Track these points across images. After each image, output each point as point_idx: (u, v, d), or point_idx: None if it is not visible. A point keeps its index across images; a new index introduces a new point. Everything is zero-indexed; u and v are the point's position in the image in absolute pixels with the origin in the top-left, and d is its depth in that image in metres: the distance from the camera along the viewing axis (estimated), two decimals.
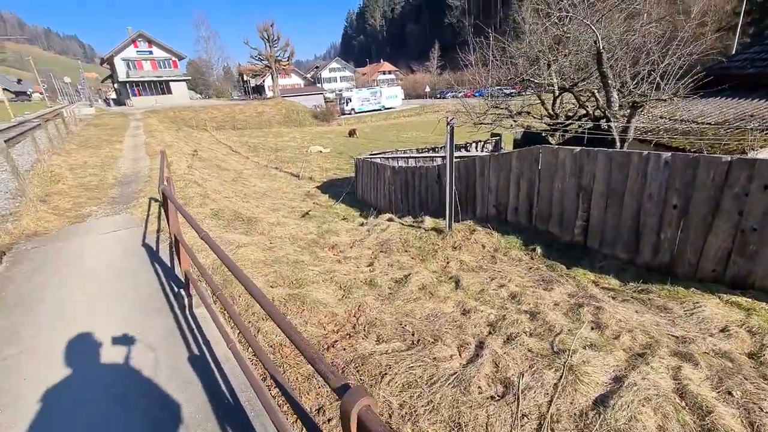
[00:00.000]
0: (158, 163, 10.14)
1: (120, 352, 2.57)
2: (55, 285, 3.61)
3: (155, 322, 2.90)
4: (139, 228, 5.03)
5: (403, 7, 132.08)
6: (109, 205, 6.37)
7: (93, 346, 2.65)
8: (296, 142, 30.56)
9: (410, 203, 9.33)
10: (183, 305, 2.99)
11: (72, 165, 9.70)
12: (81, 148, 13.38)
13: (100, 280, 3.65)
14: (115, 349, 2.62)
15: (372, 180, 10.84)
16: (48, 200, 6.44)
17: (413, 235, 5.97)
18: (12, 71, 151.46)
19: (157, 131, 19.62)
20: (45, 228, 5.13)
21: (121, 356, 2.52)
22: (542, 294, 3.73)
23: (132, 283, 3.55)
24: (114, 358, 2.53)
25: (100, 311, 3.14)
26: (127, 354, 2.54)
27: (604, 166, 4.91)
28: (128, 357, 2.51)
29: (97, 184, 7.91)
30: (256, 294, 1.40)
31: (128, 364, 2.45)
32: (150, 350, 2.58)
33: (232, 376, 2.29)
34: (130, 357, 2.51)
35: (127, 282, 3.57)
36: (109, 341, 2.69)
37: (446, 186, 6.14)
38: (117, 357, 2.53)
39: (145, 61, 47.54)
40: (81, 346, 2.68)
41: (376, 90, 54.19)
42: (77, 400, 2.18)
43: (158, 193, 6.34)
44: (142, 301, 3.20)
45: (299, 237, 5.50)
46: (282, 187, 14.19)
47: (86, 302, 3.30)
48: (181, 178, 8.07)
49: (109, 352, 2.60)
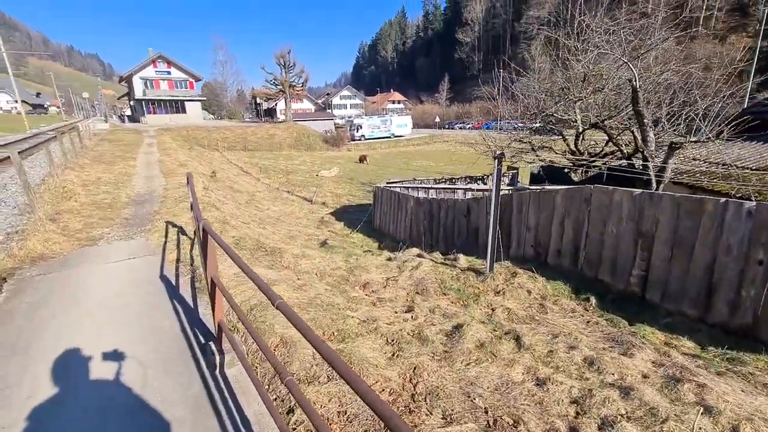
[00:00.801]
0: (173, 182, 9.84)
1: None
2: (59, 326, 3.12)
3: (177, 386, 2.39)
4: (155, 256, 4.57)
5: (414, 41, 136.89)
6: (122, 228, 5.94)
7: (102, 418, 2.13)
8: (306, 166, 30.55)
9: (434, 236, 8.87)
10: (212, 363, 2.49)
11: (85, 181, 9.38)
12: (94, 163, 13.15)
13: (112, 323, 3.16)
14: (130, 422, 2.10)
15: (392, 210, 10.44)
16: (58, 219, 6.03)
17: (449, 275, 5.47)
18: (33, 85, 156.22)
19: (170, 149, 19.54)
20: (52, 251, 4.68)
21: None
22: (623, 360, 3.19)
23: (149, 328, 3.06)
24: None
25: (110, 366, 2.63)
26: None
27: (669, 211, 4.47)
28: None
29: (110, 202, 7.53)
30: (339, 367, 0.94)
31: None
32: (175, 426, 2.06)
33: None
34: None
35: (143, 327, 3.08)
36: (123, 410, 2.18)
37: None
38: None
39: (163, 80, 48.71)
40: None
41: (386, 118, 54.98)
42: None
43: (182, 221, 5.93)
44: (161, 355, 2.70)
45: (327, 272, 5.02)
46: (295, 212, 13.82)
47: (95, 351, 2.80)
48: (199, 200, 7.69)
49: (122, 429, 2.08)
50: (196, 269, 4.12)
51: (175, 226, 5.69)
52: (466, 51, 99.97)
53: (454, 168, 31.50)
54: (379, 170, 29.40)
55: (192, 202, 3.92)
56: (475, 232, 7.67)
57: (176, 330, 2.97)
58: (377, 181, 24.51)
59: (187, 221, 5.93)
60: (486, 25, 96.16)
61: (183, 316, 3.18)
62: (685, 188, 9.23)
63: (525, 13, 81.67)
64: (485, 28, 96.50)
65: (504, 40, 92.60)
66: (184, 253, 4.53)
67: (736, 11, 59.53)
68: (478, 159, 13.15)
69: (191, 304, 3.37)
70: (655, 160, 8.93)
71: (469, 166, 32.51)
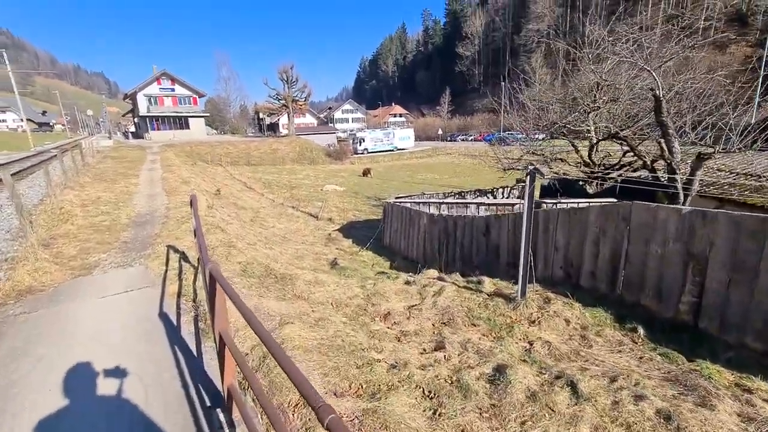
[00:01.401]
0: (176, 200, 9.45)
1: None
2: (39, 383, 2.66)
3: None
4: (155, 288, 4.13)
5: (415, 55, 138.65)
6: (120, 253, 5.51)
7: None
8: (310, 180, 30.28)
9: (449, 255, 8.41)
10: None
11: (84, 201, 9.01)
12: (96, 182, 12.83)
13: (102, 376, 2.70)
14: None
15: (403, 226, 10.00)
16: (52, 244, 5.62)
17: (475, 301, 4.99)
18: (39, 103, 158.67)
19: (174, 166, 19.29)
20: (42, 283, 4.25)
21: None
22: (704, 414, 2.70)
23: (144, 381, 2.59)
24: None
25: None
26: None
27: (726, 231, 4.01)
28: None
29: (109, 224, 7.13)
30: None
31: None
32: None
33: None
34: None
35: (140, 381, 2.61)
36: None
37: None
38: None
39: (167, 97, 49.10)
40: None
41: (389, 131, 55.01)
42: None
43: (184, 245, 5.50)
44: (159, 419, 2.23)
45: (344, 302, 4.55)
46: (301, 229, 13.39)
47: (80, 417, 2.33)
48: (202, 221, 7.28)
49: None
50: (199, 305, 3.67)
51: (177, 251, 5.26)
52: (466, 64, 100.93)
53: (459, 180, 31.16)
54: (384, 184, 29.08)
55: (195, 227, 3.50)
56: (495, 250, 7.21)
57: (176, 386, 2.50)
58: (383, 195, 24.15)
59: (189, 245, 5.51)
60: (486, 38, 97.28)
61: (185, 366, 2.72)
62: (712, 201, 8.77)
63: (524, 27, 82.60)
64: (485, 42, 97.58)
65: (504, 53, 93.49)
66: (186, 285, 4.08)
67: (735, 21, 59.92)
68: (483, 171, 12.77)
69: (194, 351, 2.91)
70: (680, 172, 8.50)
71: (476, 179, 32.23)
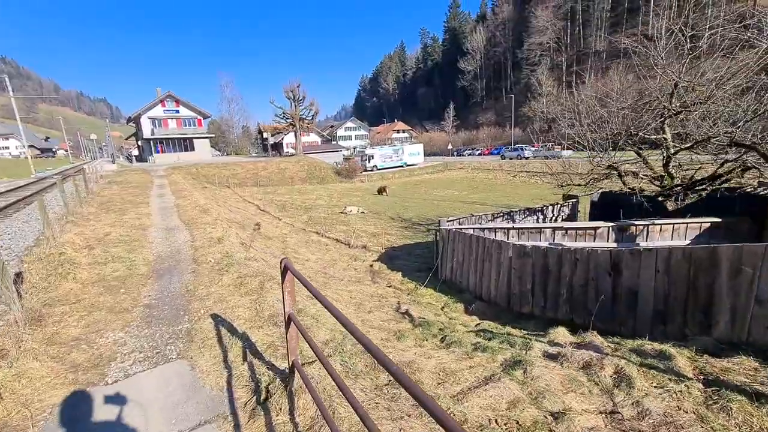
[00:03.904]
0: (201, 236, 7.77)
1: None
2: None
3: None
4: (221, 425, 2.40)
5: (415, 72, 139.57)
6: (145, 327, 3.81)
7: None
8: (324, 201, 28.70)
9: (549, 298, 6.66)
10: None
11: (89, 240, 7.34)
12: (102, 212, 11.21)
13: None
14: None
15: (473, 259, 8.29)
16: (46, 317, 3.91)
17: (693, 399, 3.24)
18: (43, 130, 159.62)
19: (185, 190, 17.73)
20: (20, 413, 2.52)
21: None
22: None
23: None
24: None
25: None
26: None
27: None
28: None
29: (124, 275, 5.44)
30: None
31: None
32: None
33: None
34: None
35: None
36: None
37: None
38: None
39: (171, 119, 48.20)
40: None
41: (398, 147, 53.87)
42: None
43: (240, 316, 3.82)
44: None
45: (513, 418, 2.82)
46: (337, 260, 11.67)
47: None
48: (242, 264, 5.59)
49: None
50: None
51: (229, 327, 3.54)
52: (468, 79, 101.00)
53: (480, 196, 29.59)
54: (404, 202, 27.48)
55: (288, 314, 1.86)
56: (630, 297, 5.47)
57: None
58: (406, 215, 22.48)
59: (248, 317, 3.79)
60: (487, 53, 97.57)
61: None
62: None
63: (526, 40, 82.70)
64: (486, 56, 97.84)
65: (506, 67, 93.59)
66: (282, 423, 2.33)
67: (742, 29, 59.34)
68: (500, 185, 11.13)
69: None
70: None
71: (497, 194, 30.64)
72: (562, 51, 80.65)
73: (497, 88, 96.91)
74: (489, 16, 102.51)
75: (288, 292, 2.28)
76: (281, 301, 4.11)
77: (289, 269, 2.23)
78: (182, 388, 2.76)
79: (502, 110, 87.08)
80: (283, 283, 2.26)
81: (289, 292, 2.28)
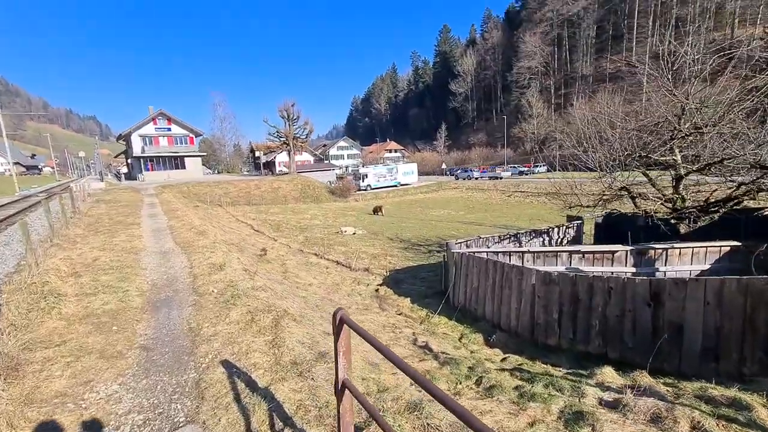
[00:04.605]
0: (200, 261, 7.18)
1: None
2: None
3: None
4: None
5: (406, 93, 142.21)
6: (143, 377, 3.23)
7: None
8: (320, 221, 28.14)
9: (577, 330, 6.20)
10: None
11: (76, 266, 6.71)
12: (90, 233, 10.52)
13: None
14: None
15: (490, 284, 7.83)
16: (24, 368, 3.30)
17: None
18: (30, 147, 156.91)
19: (177, 210, 17.06)
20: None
21: None
22: None
23: None
24: None
25: None
26: None
27: None
28: None
29: (116, 308, 4.84)
30: None
31: None
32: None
33: None
34: None
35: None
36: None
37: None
38: None
39: (163, 137, 47.61)
40: None
41: (392, 166, 53.95)
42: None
43: (258, 363, 3.27)
44: None
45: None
46: (339, 283, 11.10)
47: None
48: (250, 296, 5.03)
49: None
50: None
51: (254, 387, 2.97)
52: (459, 101, 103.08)
53: (476, 216, 29.36)
54: (401, 222, 27.08)
55: (350, 394, 1.39)
56: (674, 331, 5.05)
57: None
58: (404, 236, 22.02)
59: (266, 364, 3.24)
60: (477, 76, 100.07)
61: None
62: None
63: (515, 64, 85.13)
64: (477, 79, 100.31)
65: (496, 90, 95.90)
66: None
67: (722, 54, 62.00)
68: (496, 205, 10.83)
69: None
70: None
71: (494, 214, 30.48)
72: (550, 75, 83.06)
73: (488, 109, 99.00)
74: (479, 41, 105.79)
75: (343, 353, 1.79)
76: (302, 344, 3.59)
77: (346, 323, 1.75)
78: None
79: (493, 131, 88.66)
80: (336, 342, 1.77)
81: (344, 353, 1.79)
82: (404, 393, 2.97)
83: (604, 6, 76.93)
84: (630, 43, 72.52)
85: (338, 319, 1.77)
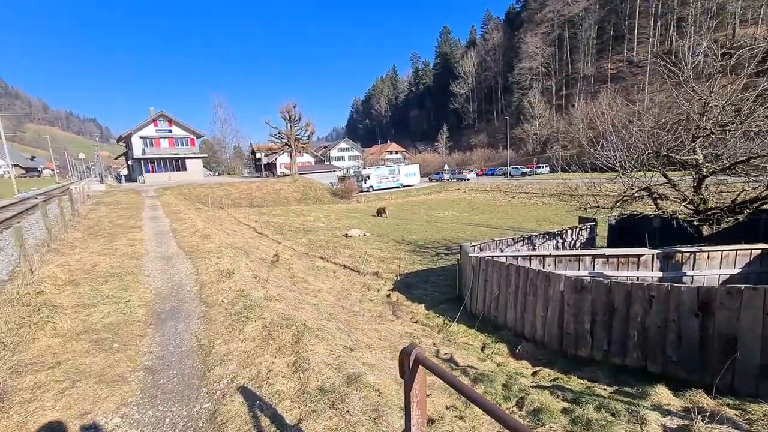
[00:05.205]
0: (207, 267, 6.74)
1: None
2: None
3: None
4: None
5: (407, 95, 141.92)
6: (149, 407, 2.80)
7: None
8: (323, 223, 27.72)
9: (612, 342, 5.76)
10: None
11: (75, 272, 6.28)
12: (89, 237, 10.09)
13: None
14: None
15: (513, 291, 7.40)
16: (11, 397, 2.87)
17: None
18: (29, 149, 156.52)
19: (180, 212, 16.63)
20: None
21: None
22: None
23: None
24: None
25: None
26: None
27: None
28: None
29: (117, 321, 4.41)
30: None
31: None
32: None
33: None
34: None
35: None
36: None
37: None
38: None
39: (163, 138, 47.22)
40: None
41: (394, 168, 53.53)
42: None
43: (283, 391, 2.83)
44: None
45: None
46: (349, 289, 10.66)
47: None
48: (264, 307, 4.60)
49: None
50: None
51: (280, 422, 2.54)
52: (460, 102, 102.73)
53: (481, 218, 28.93)
54: (406, 224, 26.65)
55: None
56: (725, 344, 4.62)
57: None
58: (411, 238, 21.56)
59: (298, 397, 2.80)
60: (478, 77, 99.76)
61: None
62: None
63: (516, 65, 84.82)
64: (477, 80, 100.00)
65: (497, 91, 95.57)
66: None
67: (726, 55, 61.78)
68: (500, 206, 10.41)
69: None
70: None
71: (499, 216, 30.03)
72: (551, 75, 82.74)
73: (489, 110, 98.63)
74: (479, 42, 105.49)
75: (417, 402, 1.37)
76: (328, 365, 3.15)
77: (422, 364, 1.32)
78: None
79: (494, 132, 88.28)
80: (410, 390, 1.34)
81: (418, 402, 1.37)
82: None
83: (605, 6, 76.71)
84: (631, 44, 72.22)
85: (413, 360, 1.35)
